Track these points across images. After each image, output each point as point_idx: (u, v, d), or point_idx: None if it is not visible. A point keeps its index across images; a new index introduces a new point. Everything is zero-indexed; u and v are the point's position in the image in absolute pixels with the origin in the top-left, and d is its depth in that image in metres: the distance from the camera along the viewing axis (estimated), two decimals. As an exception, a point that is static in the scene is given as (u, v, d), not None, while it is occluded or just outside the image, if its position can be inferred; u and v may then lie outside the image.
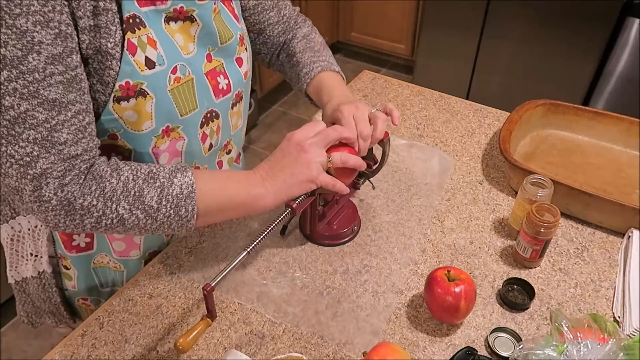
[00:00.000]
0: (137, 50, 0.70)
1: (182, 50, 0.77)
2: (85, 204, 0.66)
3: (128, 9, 0.68)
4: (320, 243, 0.93)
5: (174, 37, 0.75)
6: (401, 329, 0.80)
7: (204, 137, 0.85)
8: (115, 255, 0.90)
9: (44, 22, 0.60)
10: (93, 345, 0.78)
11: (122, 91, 0.70)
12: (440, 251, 0.92)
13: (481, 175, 1.09)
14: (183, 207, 0.71)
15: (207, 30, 0.79)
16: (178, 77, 0.76)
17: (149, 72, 0.72)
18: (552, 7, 2.37)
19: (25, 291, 0.95)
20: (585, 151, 1.13)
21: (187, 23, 0.77)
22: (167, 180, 0.70)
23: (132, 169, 0.70)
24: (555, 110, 1.16)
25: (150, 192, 0.69)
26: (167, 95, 0.75)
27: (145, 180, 0.70)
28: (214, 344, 0.78)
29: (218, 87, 0.84)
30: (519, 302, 0.82)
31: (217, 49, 0.82)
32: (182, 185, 0.71)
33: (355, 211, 0.97)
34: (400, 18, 3.12)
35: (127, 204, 0.68)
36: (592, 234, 0.95)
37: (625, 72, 2.34)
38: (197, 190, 0.72)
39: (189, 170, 0.73)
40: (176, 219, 0.71)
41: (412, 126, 1.23)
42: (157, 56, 0.72)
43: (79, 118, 0.66)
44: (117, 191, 0.68)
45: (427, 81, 2.86)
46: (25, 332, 1.94)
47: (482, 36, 2.65)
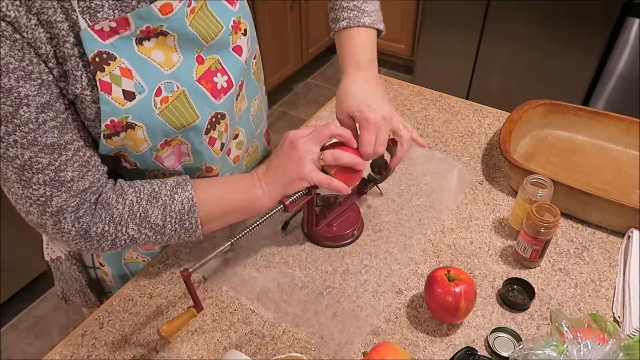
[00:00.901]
0: (111, 87, 0.68)
1: (164, 66, 0.73)
2: (98, 230, 0.72)
3: (91, 48, 0.65)
4: (318, 243, 0.93)
5: (150, 56, 0.71)
6: (401, 329, 0.80)
7: (212, 141, 0.83)
8: (142, 250, 0.93)
9: (25, 76, 0.62)
10: (93, 345, 0.79)
11: (109, 130, 0.71)
12: (440, 251, 0.92)
13: (481, 175, 1.09)
14: (187, 220, 0.75)
15: (185, 38, 0.74)
16: (165, 97, 0.73)
17: (130, 104, 0.70)
18: (552, 7, 2.37)
19: (59, 269, 0.98)
20: (585, 151, 1.13)
21: (161, 38, 0.72)
22: (169, 198, 0.74)
23: (136, 192, 0.74)
24: (555, 110, 1.16)
25: (155, 212, 0.74)
26: (158, 119, 0.73)
27: (149, 201, 0.74)
28: (214, 344, 0.78)
29: (216, 87, 0.80)
30: (519, 302, 0.82)
31: (206, 48, 0.77)
32: (182, 201, 0.75)
33: (359, 215, 0.96)
34: (400, 18, 3.12)
35: (135, 225, 0.73)
36: (592, 234, 0.95)
37: (625, 72, 2.33)
38: (198, 202, 0.75)
39: (188, 183, 0.76)
40: (182, 231, 0.76)
41: (412, 126, 1.23)
42: (135, 85, 0.70)
43: (79, 155, 0.70)
44: (124, 215, 0.73)
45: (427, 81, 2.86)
46: (25, 332, 1.95)
47: (482, 36, 2.65)
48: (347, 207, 0.96)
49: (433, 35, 2.81)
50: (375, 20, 0.97)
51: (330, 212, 0.93)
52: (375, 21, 0.97)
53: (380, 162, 0.93)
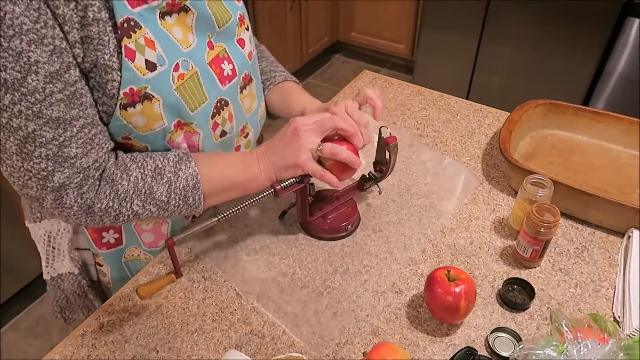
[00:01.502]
0: (135, 55, 0.69)
1: (182, 44, 0.75)
2: (102, 206, 0.73)
3: (121, 13, 0.66)
4: (312, 234, 0.94)
5: (171, 32, 0.74)
6: (401, 329, 0.80)
7: (215, 126, 0.85)
8: (145, 247, 0.93)
9: (37, 40, 0.60)
10: (93, 345, 0.78)
11: (127, 98, 0.70)
12: (440, 251, 0.92)
13: (481, 175, 1.09)
14: (190, 197, 0.77)
15: (203, 17, 0.77)
16: (182, 74, 0.75)
17: (151, 75, 0.71)
18: (552, 7, 2.37)
19: (60, 287, 0.97)
20: (585, 151, 1.13)
21: (182, 14, 0.75)
22: (173, 175, 0.76)
23: (140, 167, 0.75)
24: (555, 110, 1.16)
25: (160, 189, 0.75)
26: (174, 95, 0.75)
27: (154, 178, 0.75)
28: (214, 344, 0.78)
29: (223, 74, 0.83)
30: (519, 302, 0.82)
31: (217, 34, 0.81)
32: (187, 178, 0.77)
33: (355, 210, 0.97)
34: (400, 18, 3.12)
35: (140, 201, 0.75)
36: (592, 234, 0.95)
37: (625, 72, 2.33)
38: (201, 178, 0.77)
39: (191, 159, 0.78)
40: (185, 207, 0.78)
41: (412, 126, 1.23)
42: (157, 57, 0.71)
43: (84, 132, 0.69)
44: (129, 192, 0.74)
45: (427, 81, 2.86)
46: (25, 332, 1.94)
47: (482, 36, 2.65)
48: (345, 202, 0.96)
49: (433, 35, 2.81)
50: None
51: (326, 205, 0.94)
52: None
53: (383, 161, 0.94)
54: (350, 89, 1.36)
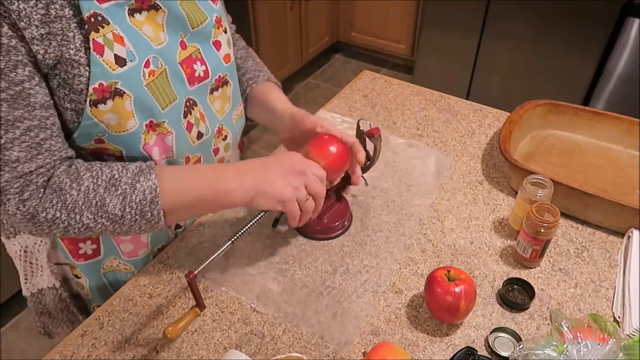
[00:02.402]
0: (104, 50, 0.67)
1: (153, 41, 0.74)
2: (48, 217, 0.67)
3: (87, 8, 0.65)
4: (309, 237, 0.94)
5: (141, 29, 0.72)
6: (401, 329, 0.80)
7: (190, 126, 0.83)
8: (124, 257, 0.90)
9: None
10: (93, 345, 0.78)
11: (97, 94, 0.69)
12: (440, 251, 0.92)
13: (481, 175, 1.09)
14: (148, 212, 0.71)
15: (174, 16, 0.76)
16: (152, 71, 0.74)
17: (120, 70, 0.69)
18: (552, 7, 2.37)
19: (41, 302, 0.95)
20: (585, 151, 1.13)
21: (152, 12, 0.73)
22: (130, 187, 0.70)
23: (93, 177, 0.69)
24: (555, 110, 1.16)
25: (113, 201, 0.69)
26: (145, 91, 0.73)
27: (107, 189, 0.69)
28: (214, 344, 0.78)
29: (194, 74, 0.81)
30: (519, 302, 0.82)
31: (190, 34, 0.79)
32: (145, 191, 0.70)
33: (347, 206, 0.97)
34: (400, 18, 3.12)
35: (91, 213, 0.69)
36: (592, 234, 0.95)
37: (625, 72, 2.33)
38: (162, 192, 0.71)
39: (152, 171, 0.72)
40: (144, 222, 0.72)
41: (412, 126, 1.23)
42: (127, 52, 0.70)
43: (30, 135, 0.65)
44: (78, 202, 0.68)
45: (427, 81, 2.86)
46: (25, 332, 1.94)
47: (482, 36, 2.65)
48: (336, 199, 0.96)
49: (433, 35, 2.81)
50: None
51: None
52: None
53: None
54: (350, 89, 1.36)
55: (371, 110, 1.28)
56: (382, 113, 1.27)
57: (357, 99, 1.32)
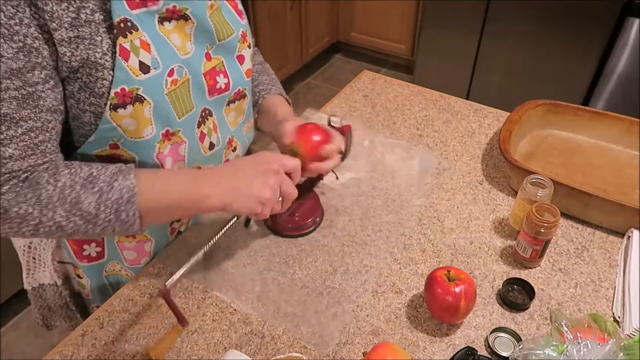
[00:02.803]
0: (130, 55, 0.69)
1: (180, 50, 0.75)
2: (20, 212, 0.65)
3: (118, 13, 0.67)
4: (282, 234, 0.94)
5: (169, 37, 0.74)
6: (401, 329, 0.80)
7: (202, 137, 0.84)
8: (127, 264, 0.90)
9: (7, 35, 0.59)
10: (93, 345, 0.78)
11: (117, 98, 0.69)
12: (440, 251, 0.92)
13: (481, 175, 1.09)
14: (124, 211, 0.68)
15: (202, 28, 0.78)
16: (175, 80, 0.75)
17: (144, 77, 0.70)
18: (552, 7, 2.37)
19: (41, 296, 0.95)
20: (585, 151, 1.13)
21: (181, 22, 0.75)
22: (107, 185, 0.68)
23: (71, 174, 0.68)
24: (555, 110, 1.16)
25: (88, 198, 0.67)
26: (165, 99, 0.74)
27: (84, 186, 0.67)
28: (214, 344, 0.78)
29: (215, 86, 0.83)
30: (519, 302, 0.82)
31: (216, 47, 0.81)
32: (122, 190, 0.68)
33: (318, 203, 0.98)
34: (400, 18, 3.12)
35: (64, 211, 0.66)
36: (592, 234, 0.95)
37: (625, 72, 2.33)
38: (139, 193, 0.69)
39: (131, 172, 0.70)
40: (118, 223, 0.69)
41: (412, 126, 1.23)
42: (152, 60, 0.71)
43: (30, 135, 0.65)
44: (53, 198, 0.66)
45: (427, 81, 2.86)
46: (25, 332, 1.94)
47: (482, 36, 2.65)
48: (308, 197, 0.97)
49: (433, 35, 2.81)
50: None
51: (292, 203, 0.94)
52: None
53: None
54: (350, 89, 1.36)
55: (371, 110, 1.28)
56: (382, 113, 1.27)
57: (357, 99, 1.32)
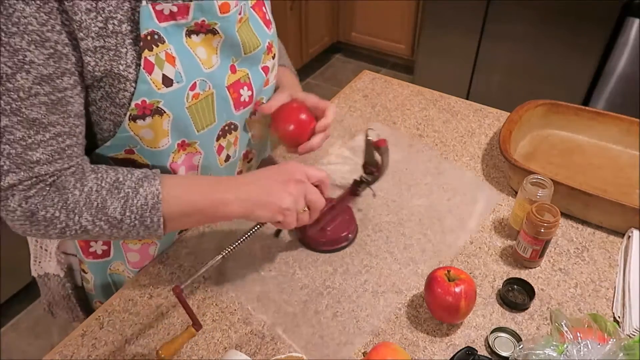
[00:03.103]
0: (154, 69, 0.68)
1: (204, 64, 0.75)
2: (47, 215, 0.67)
3: (146, 26, 0.66)
4: (312, 248, 0.92)
5: (195, 50, 0.73)
6: (401, 329, 0.80)
7: (220, 149, 0.84)
8: (130, 267, 0.90)
9: (39, 41, 0.59)
10: (93, 345, 0.78)
11: (138, 110, 0.70)
12: (440, 251, 0.92)
13: (481, 175, 1.09)
14: (148, 217, 0.70)
15: (230, 42, 0.77)
16: (197, 94, 0.75)
17: (166, 90, 0.70)
18: (552, 7, 2.37)
19: (47, 285, 0.96)
20: (585, 151, 1.13)
21: (209, 36, 0.74)
22: (132, 191, 0.69)
23: (98, 179, 0.69)
24: (555, 110, 1.16)
25: (114, 204, 0.69)
26: (185, 113, 0.74)
27: (109, 191, 0.69)
28: (214, 344, 0.78)
29: (240, 99, 0.82)
30: (519, 302, 0.82)
31: (241, 59, 0.80)
32: (147, 196, 0.69)
33: (352, 219, 0.95)
34: (400, 18, 3.12)
35: (90, 215, 0.68)
36: (592, 234, 0.95)
37: (625, 72, 2.33)
38: (163, 200, 0.70)
39: (157, 178, 0.71)
40: (142, 228, 0.71)
41: (412, 126, 1.23)
42: (175, 73, 0.71)
43: (58, 140, 0.66)
44: (79, 203, 0.68)
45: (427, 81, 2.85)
46: (26, 332, 1.94)
47: (482, 36, 2.65)
48: (341, 211, 0.94)
49: (433, 35, 2.81)
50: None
51: (322, 217, 0.92)
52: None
53: (372, 162, 0.93)
54: (350, 89, 1.36)
55: (371, 110, 1.28)
56: (382, 113, 1.27)
57: (357, 99, 1.32)
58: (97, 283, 0.92)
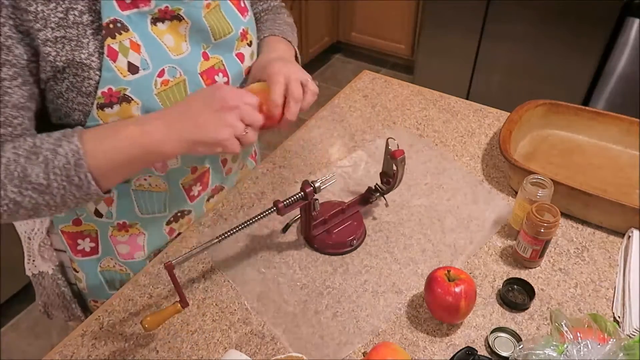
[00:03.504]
0: (118, 56, 0.69)
1: (172, 51, 0.75)
2: None
3: (108, 14, 0.67)
4: (316, 249, 0.92)
5: (162, 38, 0.74)
6: (401, 329, 0.80)
7: None
8: (120, 259, 0.90)
9: None
10: (93, 345, 0.78)
11: (104, 98, 0.70)
12: (440, 251, 0.92)
13: (481, 175, 1.09)
14: (75, 176, 0.66)
15: (197, 28, 0.77)
16: (166, 80, 0.75)
17: (132, 77, 0.71)
18: (552, 7, 2.37)
19: (41, 284, 0.96)
20: (585, 151, 1.13)
21: (175, 22, 0.75)
22: (51, 153, 0.66)
23: (15, 148, 0.66)
24: (555, 110, 1.16)
25: (35, 170, 0.65)
26: (154, 99, 0.74)
27: (28, 158, 0.65)
28: (214, 344, 0.78)
29: None
30: (519, 302, 0.82)
31: (213, 46, 0.80)
32: (67, 154, 0.65)
33: (361, 224, 0.94)
34: (400, 18, 3.12)
35: (15, 187, 0.65)
36: (592, 234, 0.95)
37: (625, 72, 2.33)
38: (86, 154, 0.66)
39: (74, 135, 0.67)
40: (74, 188, 0.67)
41: (412, 126, 1.23)
42: (141, 60, 0.71)
43: None
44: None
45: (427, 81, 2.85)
46: (26, 332, 1.94)
47: (482, 36, 2.65)
48: (350, 216, 0.94)
49: (433, 35, 2.81)
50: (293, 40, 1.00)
51: (331, 219, 0.92)
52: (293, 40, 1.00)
53: (390, 172, 0.93)
54: (350, 89, 1.36)
55: (371, 110, 1.28)
56: (382, 113, 1.27)
57: (357, 99, 1.32)
58: (89, 282, 0.92)
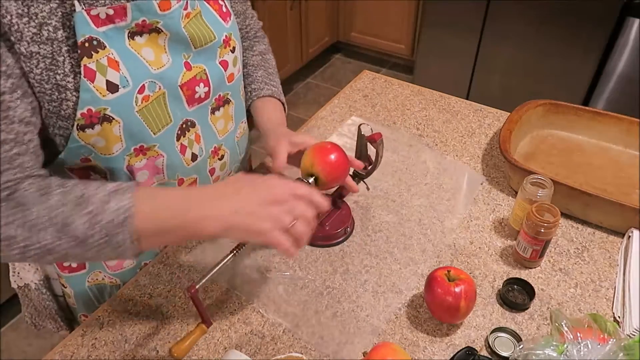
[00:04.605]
0: (96, 75, 0.66)
1: (152, 65, 0.72)
2: (8, 234, 0.60)
3: (83, 33, 0.63)
4: (312, 244, 0.93)
5: (141, 52, 0.71)
6: (401, 329, 0.80)
7: (183, 149, 0.82)
8: (110, 271, 0.89)
9: None
10: (93, 345, 0.78)
11: (84, 119, 0.67)
12: (440, 251, 0.92)
13: (481, 175, 1.09)
14: (119, 235, 0.62)
15: (176, 38, 0.74)
16: (147, 96, 0.72)
17: (111, 97, 0.68)
18: (552, 7, 2.37)
19: (27, 296, 0.95)
20: (585, 151, 1.13)
21: (153, 34, 0.72)
22: (100, 207, 0.62)
23: (63, 193, 0.63)
24: (555, 110, 1.16)
25: (79, 220, 0.61)
26: (136, 117, 0.72)
27: (76, 206, 0.61)
28: (214, 344, 0.78)
29: (194, 96, 0.79)
30: (519, 302, 0.82)
31: (194, 54, 0.77)
32: (116, 211, 0.61)
33: (349, 212, 0.96)
34: (400, 18, 3.12)
35: (53, 232, 0.61)
36: (592, 234, 0.95)
37: (625, 72, 2.33)
38: (137, 214, 0.62)
39: (128, 191, 0.63)
40: (109, 249, 0.63)
41: (412, 126, 1.23)
42: (121, 78, 0.68)
43: (5, 148, 0.62)
44: (41, 219, 0.61)
45: (427, 81, 2.86)
46: (26, 332, 1.94)
47: (482, 36, 2.65)
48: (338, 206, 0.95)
49: (433, 35, 2.81)
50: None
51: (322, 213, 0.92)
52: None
53: (365, 157, 0.93)
54: (350, 89, 1.36)
55: (371, 110, 1.28)
56: (382, 113, 1.27)
57: (357, 99, 1.32)
58: (77, 297, 0.91)
